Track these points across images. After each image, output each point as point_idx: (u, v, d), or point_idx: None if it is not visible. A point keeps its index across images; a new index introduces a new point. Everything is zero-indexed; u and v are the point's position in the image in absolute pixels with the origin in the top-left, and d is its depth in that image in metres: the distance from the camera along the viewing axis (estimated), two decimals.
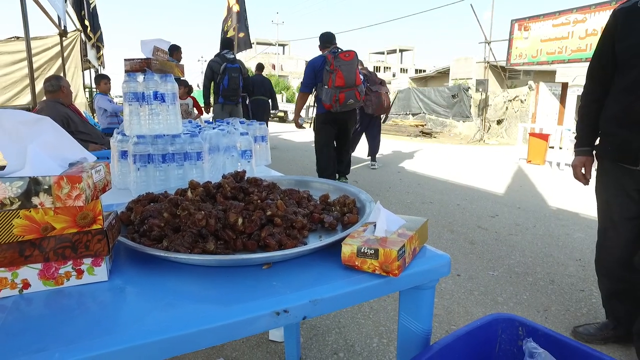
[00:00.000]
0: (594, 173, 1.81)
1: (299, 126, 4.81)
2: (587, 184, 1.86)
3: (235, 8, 7.92)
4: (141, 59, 1.31)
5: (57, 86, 3.56)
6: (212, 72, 5.78)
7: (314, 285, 0.70)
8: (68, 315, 0.61)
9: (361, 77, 4.14)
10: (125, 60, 1.33)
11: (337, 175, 4.87)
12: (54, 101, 3.51)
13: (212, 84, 5.89)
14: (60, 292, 0.68)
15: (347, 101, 4.04)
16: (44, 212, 0.64)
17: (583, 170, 1.84)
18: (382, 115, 6.58)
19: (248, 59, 24.01)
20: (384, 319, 2.13)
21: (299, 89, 4.95)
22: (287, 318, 0.64)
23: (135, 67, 1.31)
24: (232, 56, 5.85)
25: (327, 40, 4.30)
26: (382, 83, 6.24)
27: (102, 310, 0.63)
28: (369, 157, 6.90)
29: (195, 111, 6.64)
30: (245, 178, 1.04)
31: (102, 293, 0.68)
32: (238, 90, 5.85)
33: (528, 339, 0.80)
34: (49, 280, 0.67)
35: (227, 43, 6.11)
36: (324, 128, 4.38)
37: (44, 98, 3.65)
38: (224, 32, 8.05)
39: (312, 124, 4.72)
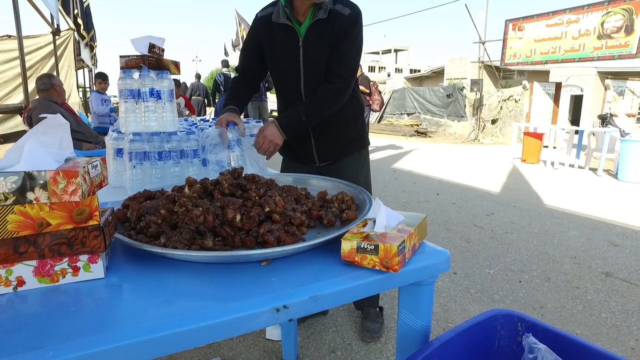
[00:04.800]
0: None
1: None
2: None
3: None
4: (137, 56, 1.30)
5: (49, 84, 3.52)
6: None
7: (313, 282, 0.69)
8: (64, 312, 0.60)
9: None
10: (120, 56, 1.31)
11: None
12: (47, 99, 3.47)
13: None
14: (55, 289, 0.66)
15: None
16: (39, 208, 0.63)
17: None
18: None
19: None
20: None
21: None
22: (287, 314, 0.64)
23: (130, 64, 1.30)
24: None
25: None
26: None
27: (98, 307, 0.62)
28: None
29: (187, 111, 6.64)
30: (243, 175, 1.03)
31: (99, 290, 0.67)
32: (260, 90, 7.67)
33: (527, 334, 0.80)
34: (44, 278, 0.66)
35: None
36: None
37: (37, 97, 3.61)
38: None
39: None
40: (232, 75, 8.61)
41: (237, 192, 0.95)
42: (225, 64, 8.99)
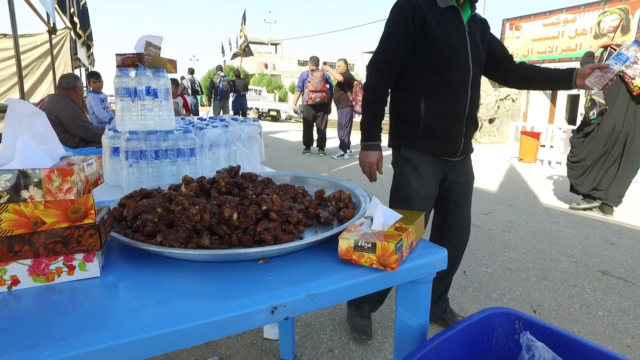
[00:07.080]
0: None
1: (295, 111, 10.73)
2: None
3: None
4: (133, 54, 1.29)
5: (72, 85, 3.62)
6: (213, 83, 10.63)
7: (310, 280, 0.69)
8: (59, 311, 0.59)
9: (327, 85, 7.52)
10: (117, 55, 1.31)
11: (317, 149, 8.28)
12: (67, 97, 3.52)
13: (213, 90, 10.77)
14: (51, 288, 0.66)
15: (316, 99, 7.55)
16: (34, 206, 0.62)
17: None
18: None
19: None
20: (379, 317, 2.13)
21: (295, 89, 8.70)
22: (284, 313, 0.63)
23: (127, 62, 1.29)
24: (222, 73, 10.73)
25: (313, 62, 7.61)
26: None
27: (94, 306, 0.62)
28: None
29: (184, 110, 6.64)
30: (240, 173, 1.03)
31: (95, 289, 0.66)
32: (227, 93, 10.53)
33: (525, 332, 0.80)
34: (39, 277, 0.66)
35: (220, 68, 11.14)
36: (307, 110, 7.89)
37: (52, 92, 3.65)
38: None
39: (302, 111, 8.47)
40: (197, 80, 10.66)
41: (234, 190, 0.94)
42: (191, 71, 10.88)
